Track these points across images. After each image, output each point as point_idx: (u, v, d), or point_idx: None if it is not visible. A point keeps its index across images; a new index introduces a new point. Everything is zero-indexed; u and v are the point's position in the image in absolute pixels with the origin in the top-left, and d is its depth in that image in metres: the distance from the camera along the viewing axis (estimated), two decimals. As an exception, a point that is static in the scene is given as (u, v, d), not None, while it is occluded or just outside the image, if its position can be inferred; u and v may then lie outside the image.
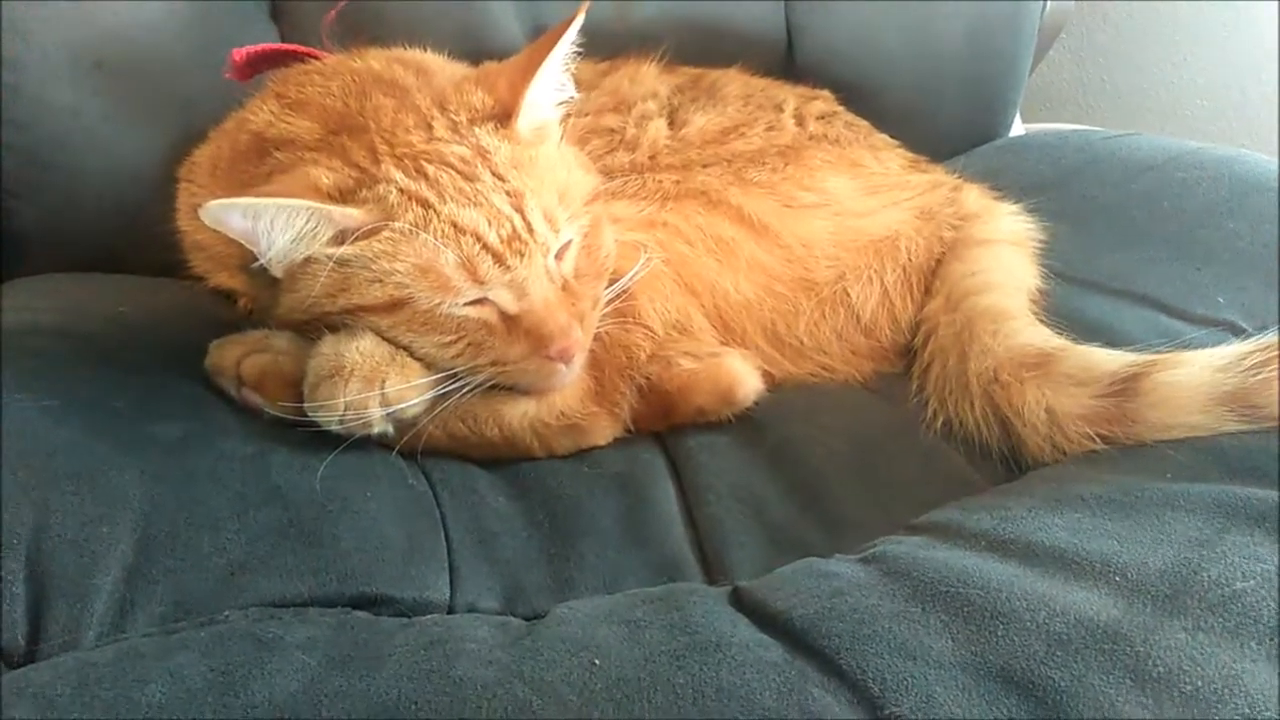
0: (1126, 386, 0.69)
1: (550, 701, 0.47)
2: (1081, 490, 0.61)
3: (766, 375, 0.82)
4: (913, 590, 0.55)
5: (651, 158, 0.92)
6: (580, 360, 0.75)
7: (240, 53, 0.85)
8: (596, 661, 0.50)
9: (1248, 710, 0.45)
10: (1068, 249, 0.88)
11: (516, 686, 0.48)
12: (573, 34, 0.75)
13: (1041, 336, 0.77)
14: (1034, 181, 0.99)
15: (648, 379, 0.79)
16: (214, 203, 0.68)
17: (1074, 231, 0.90)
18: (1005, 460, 0.74)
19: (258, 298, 0.83)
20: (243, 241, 0.71)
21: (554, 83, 0.77)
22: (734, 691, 0.48)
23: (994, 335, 0.78)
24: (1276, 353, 0.66)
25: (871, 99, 1.07)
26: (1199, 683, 0.46)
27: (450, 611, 0.63)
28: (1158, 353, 0.70)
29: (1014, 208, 0.91)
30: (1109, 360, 0.72)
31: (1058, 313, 0.81)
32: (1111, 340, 0.76)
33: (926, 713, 0.47)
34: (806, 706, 0.47)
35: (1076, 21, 1.25)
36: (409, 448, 0.73)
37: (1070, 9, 1.21)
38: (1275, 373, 0.65)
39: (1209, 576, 0.51)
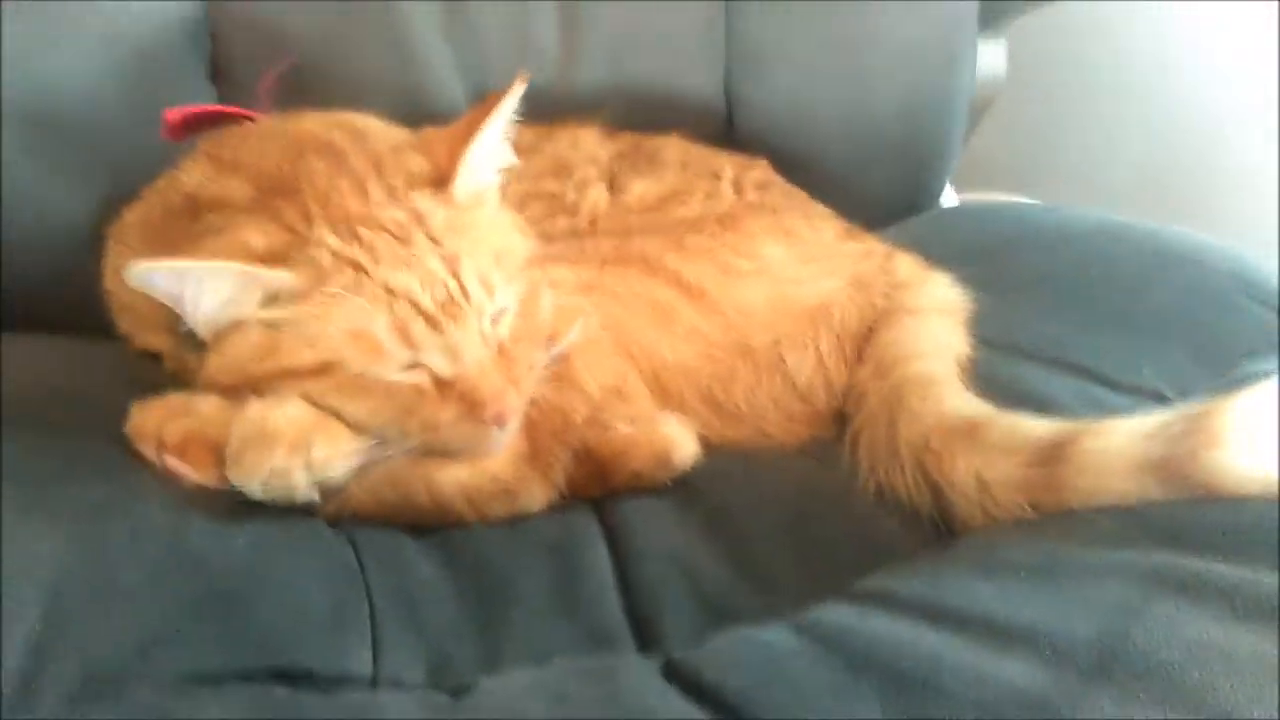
0: (1054, 454, 0.70)
1: (472, 781, 0.46)
2: (1010, 556, 0.62)
3: (703, 440, 0.81)
4: (846, 660, 0.54)
5: (591, 223, 0.93)
6: (515, 424, 0.74)
7: (174, 113, 0.85)
8: (522, 737, 0.49)
9: (1174, 782, 0.45)
10: (998, 317, 0.90)
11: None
12: (513, 102, 0.76)
13: (969, 404, 0.78)
14: (965, 250, 1.01)
15: (583, 443, 0.78)
16: (139, 265, 0.67)
17: (1004, 300, 0.92)
18: (937, 525, 0.74)
19: (183, 360, 0.81)
20: (169, 304, 0.70)
21: (493, 148, 0.77)
22: (661, 768, 0.47)
23: (922, 401, 0.79)
24: (1198, 421, 0.67)
25: (808, 168, 1.10)
26: (1127, 754, 0.46)
27: (374, 683, 0.61)
28: (1084, 421, 0.71)
29: (945, 277, 0.92)
30: (1035, 428, 0.73)
31: (989, 381, 0.82)
32: (1042, 407, 0.77)
33: (857, 787, 0.46)
34: (734, 783, 0.46)
35: (1008, 95, 1.28)
36: (334, 514, 0.72)
37: (1001, 84, 1.25)
38: (1201, 443, 0.66)
39: (1135, 645, 0.51)
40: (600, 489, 0.79)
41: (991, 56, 1.23)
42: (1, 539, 0.59)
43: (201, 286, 0.68)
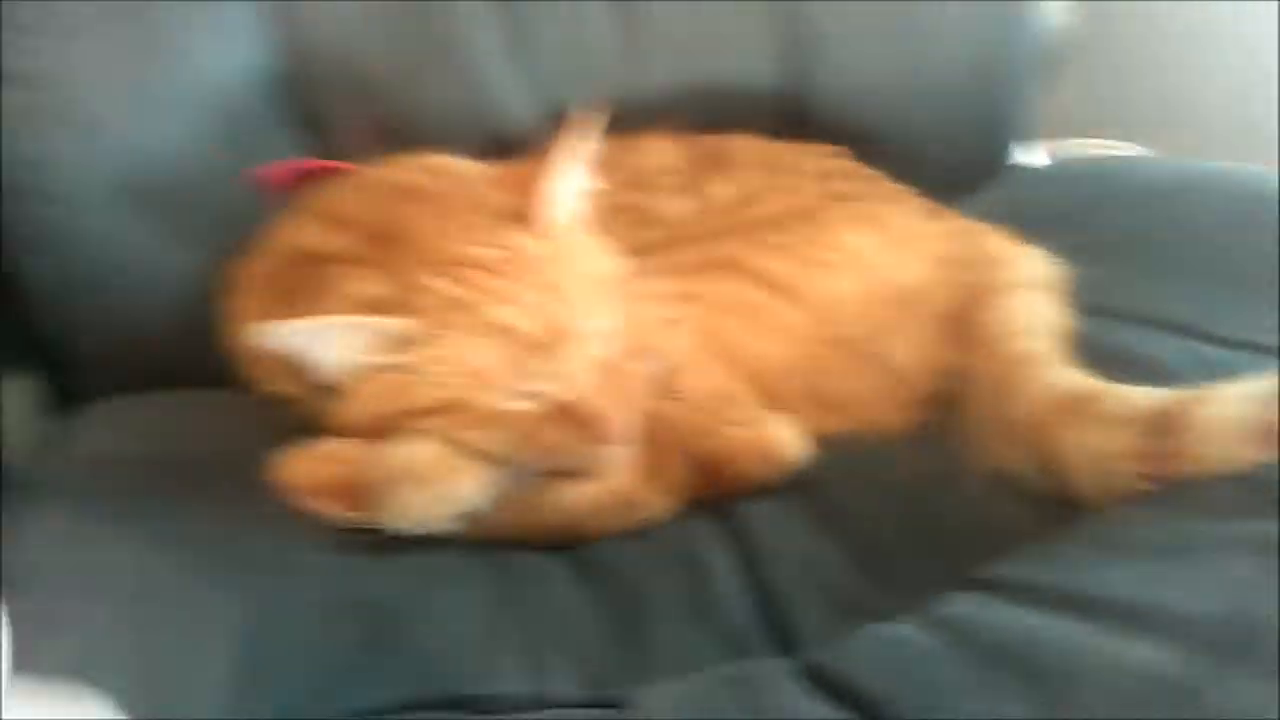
0: (1166, 424, 0.70)
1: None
2: (1135, 536, 0.63)
3: (810, 434, 0.83)
4: (980, 654, 0.56)
5: (675, 232, 0.95)
6: (630, 440, 0.77)
7: (272, 170, 0.89)
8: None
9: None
10: (1093, 283, 0.89)
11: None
12: (592, 130, 0.78)
13: (1075, 379, 0.79)
14: (1052, 215, 1.00)
15: (695, 451, 0.81)
16: (263, 327, 0.71)
17: (1097, 264, 0.91)
18: (1056, 504, 0.75)
19: (313, 404, 0.86)
20: (298, 360, 0.74)
21: (576, 178, 0.80)
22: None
23: (1028, 379, 0.80)
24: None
25: (881, 144, 1.09)
26: (1272, 731, 0.47)
27: (534, 702, 0.65)
28: (1191, 389, 0.71)
29: (1035, 250, 0.92)
30: (1144, 398, 0.73)
31: (1091, 348, 0.83)
32: (1149, 369, 0.78)
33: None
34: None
35: (1098, 40, 1.25)
36: (475, 541, 0.76)
37: (1076, 32, 1.22)
38: None
39: (1268, 620, 0.52)
40: (716, 494, 0.82)
41: (1062, 5, 1.20)
42: (188, 601, 0.64)
43: (327, 341, 0.72)
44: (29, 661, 0.61)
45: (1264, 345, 0.81)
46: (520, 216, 0.77)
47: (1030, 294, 0.88)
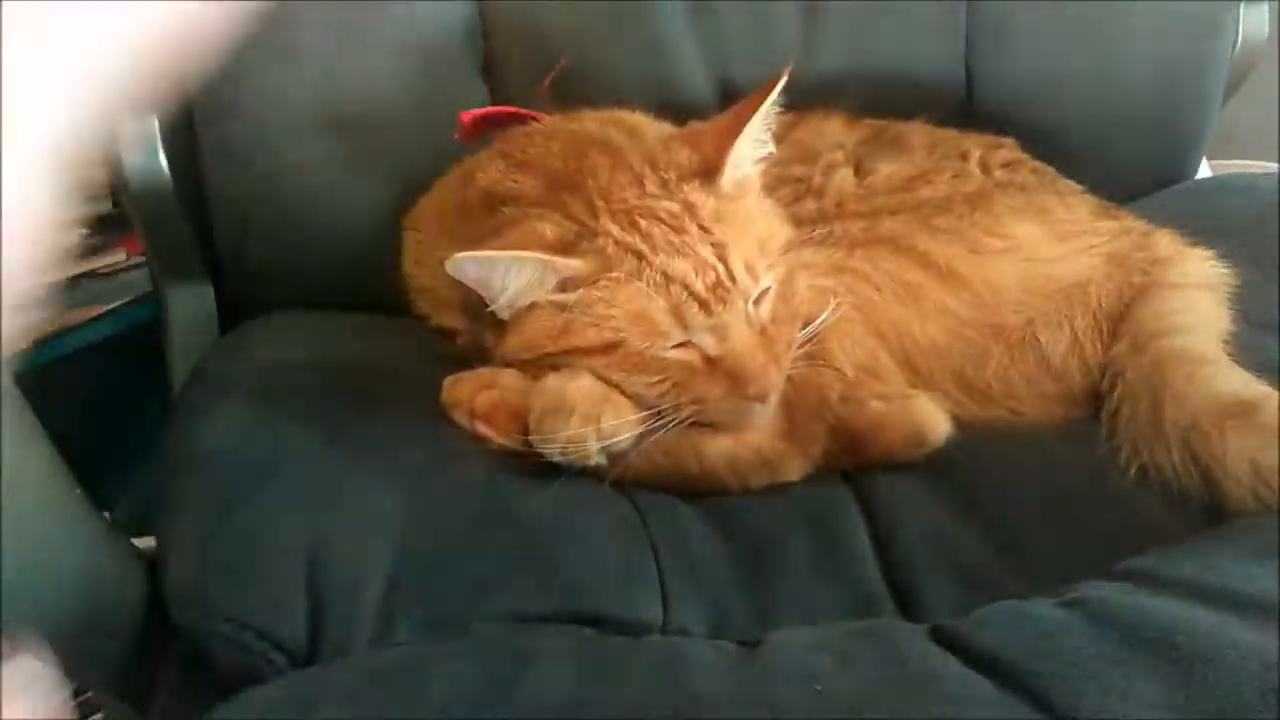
0: None
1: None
2: (1284, 541, 0.62)
3: (955, 419, 0.84)
4: (1120, 634, 0.57)
5: (838, 205, 0.96)
6: (775, 400, 0.79)
7: (468, 115, 0.94)
8: (819, 688, 0.54)
9: None
10: (1260, 294, 0.88)
11: (751, 706, 0.53)
12: (775, 95, 0.80)
13: (1241, 382, 0.77)
14: (1224, 226, 0.98)
15: (838, 419, 0.83)
16: (458, 256, 0.76)
17: (1266, 276, 0.89)
18: (1204, 508, 0.74)
19: (477, 337, 0.90)
20: (476, 288, 0.79)
21: (756, 140, 0.82)
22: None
23: (1189, 380, 0.79)
24: None
25: (1054, 143, 1.08)
26: None
27: (663, 633, 0.69)
28: None
29: (1206, 252, 0.91)
30: None
31: (1252, 359, 0.81)
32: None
33: (1142, 753, 0.49)
34: (1023, 740, 0.50)
35: (1266, 59, 1.22)
36: (618, 479, 0.79)
37: (1264, 47, 1.19)
38: None
39: None
40: (854, 463, 0.83)
41: (1255, 18, 1.17)
42: (357, 495, 0.69)
43: (507, 274, 0.77)
44: (209, 538, 0.68)
45: None
46: (701, 173, 0.80)
47: (1196, 293, 0.86)
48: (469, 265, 0.77)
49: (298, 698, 0.54)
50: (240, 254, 1.10)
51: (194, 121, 1.07)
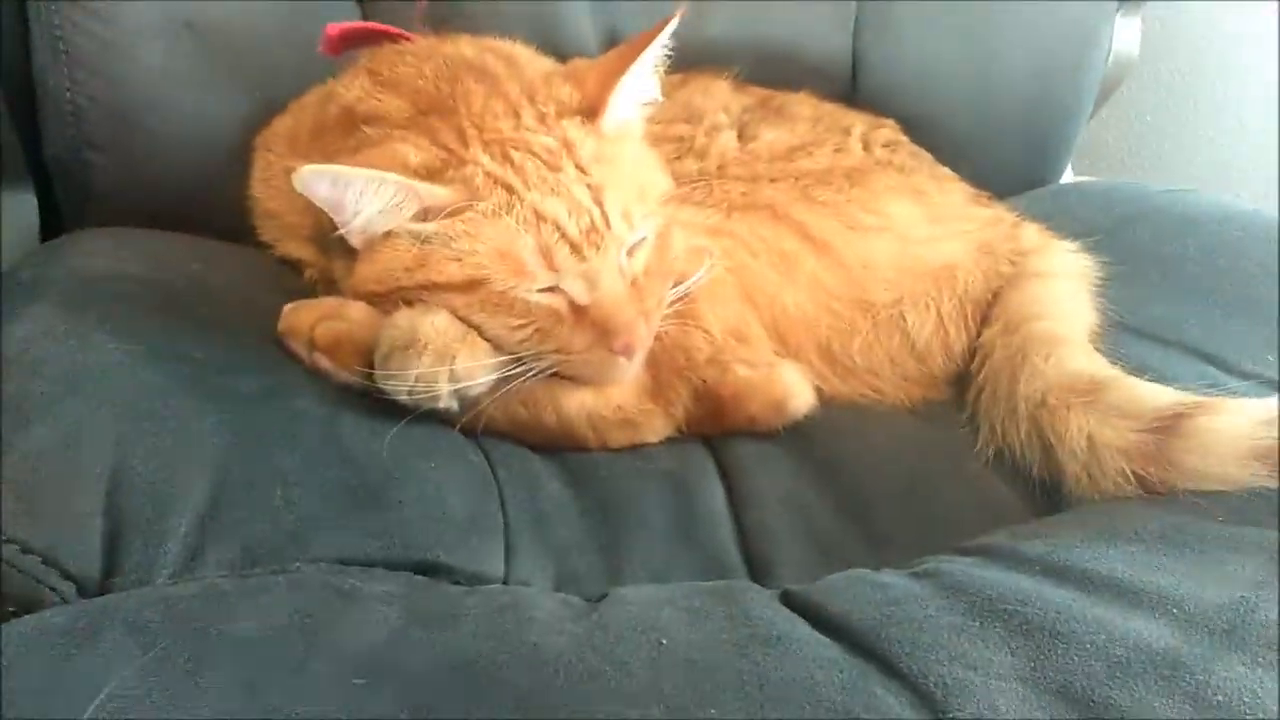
0: (1170, 424, 0.70)
1: (621, 674, 0.48)
2: (1135, 526, 0.62)
3: (816, 391, 0.83)
4: (969, 605, 0.56)
5: (720, 167, 0.94)
6: (641, 356, 0.76)
7: (335, 28, 0.87)
8: (663, 641, 0.51)
9: (1305, 744, 0.46)
10: (1119, 297, 0.89)
11: (590, 656, 0.49)
12: (665, 37, 0.77)
13: (1095, 364, 0.79)
14: (1087, 228, 1.00)
15: (704, 382, 0.80)
16: (306, 167, 0.70)
17: (1126, 280, 0.91)
18: (1049, 493, 0.74)
19: (325, 268, 0.84)
20: (327, 209, 0.72)
21: (641, 83, 0.79)
22: (798, 683, 0.49)
23: (1046, 359, 0.79)
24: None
25: (929, 134, 1.09)
26: (1260, 715, 0.47)
27: (505, 585, 0.64)
28: (1205, 395, 0.71)
29: (1072, 245, 0.92)
30: (1157, 396, 0.73)
31: (1107, 356, 0.82)
32: (1163, 388, 0.77)
33: (988, 720, 0.48)
34: (871, 704, 0.48)
35: (1132, 76, 1.26)
36: (470, 426, 0.75)
37: (1133, 60, 1.23)
38: None
39: (1267, 616, 0.52)
40: (716, 428, 0.81)
41: (1127, 33, 1.21)
42: (173, 420, 0.63)
43: (362, 195, 0.71)
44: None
45: (1275, 381, 0.81)
46: (582, 111, 0.76)
47: (1063, 282, 0.88)
48: (320, 182, 0.70)
49: (75, 627, 0.47)
50: (74, 164, 1.00)
51: (26, 13, 0.97)
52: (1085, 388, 0.75)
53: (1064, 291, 0.87)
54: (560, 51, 1.04)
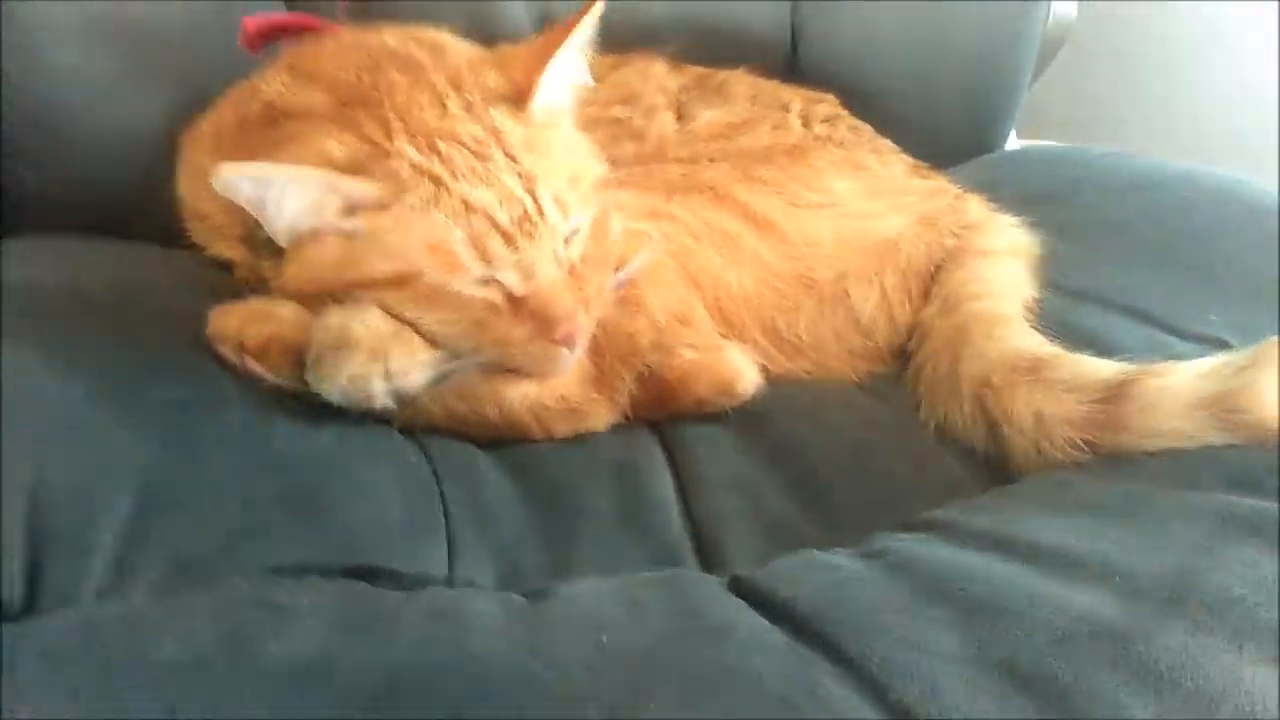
0: (1117, 393, 0.70)
1: (561, 676, 0.47)
2: (1081, 496, 0.62)
3: (764, 371, 0.82)
4: (915, 585, 0.55)
5: (658, 149, 0.93)
6: (583, 345, 0.75)
7: (253, 21, 0.85)
8: (604, 639, 0.50)
9: (1249, 709, 0.46)
10: (1065, 261, 0.90)
11: (527, 660, 0.48)
12: (592, 20, 0.75)
13: (1035, 342, 0.78)
14: (1032, 193, 1.00)
15: (648, 367, 0.79)
16: (225, 167, 0.68)
17: (1071, 244, 0.91)
18: (989, 462, 0.74)
19: (256, 269, 0.82)
20: (250, 210, 0.70)
21: (570, 68, 0.77)
22: (741, 672, 0.48)
23: (987, 339, 0.79)
24: (1255, 355, 0.67)
25: (872, 105, 1.08)
26: (1200, 681, 0.47)
27: (448, 586, 0.63)
28: (1148, 363, 0.71)
29: (1015, 220, 0.92)
30: (1102, 368, 0.73)
31: (1054, 324, 0.82)
32: (1107, 352, 0.77)
33: (932, 702, 0.47)
34: (814, 691, 0.48)
35: (1073, 40, 1.26)
36: (408, 424, 0.73)
37: (1072, 21, 1.23)
38: (1254, 374, 0.66)
39: (1209, 582, 0.52)
40: (663, 413, 0.80)
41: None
42: (95, 432, 0.61)
43: (284, 193, 0.69)
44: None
45: (1223, 341, 0.81)
46: (510, 98, 0.74)
47: (1004, 260, 0.88)
48: (240, 182, 0.68)
49: (-13, 656, 0.46)
50: (7, 174, 0.97)
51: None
52: (1029, 365, 0.75)
53: (1005, 269, 0.87)
54: (496, 41, 1.03)
